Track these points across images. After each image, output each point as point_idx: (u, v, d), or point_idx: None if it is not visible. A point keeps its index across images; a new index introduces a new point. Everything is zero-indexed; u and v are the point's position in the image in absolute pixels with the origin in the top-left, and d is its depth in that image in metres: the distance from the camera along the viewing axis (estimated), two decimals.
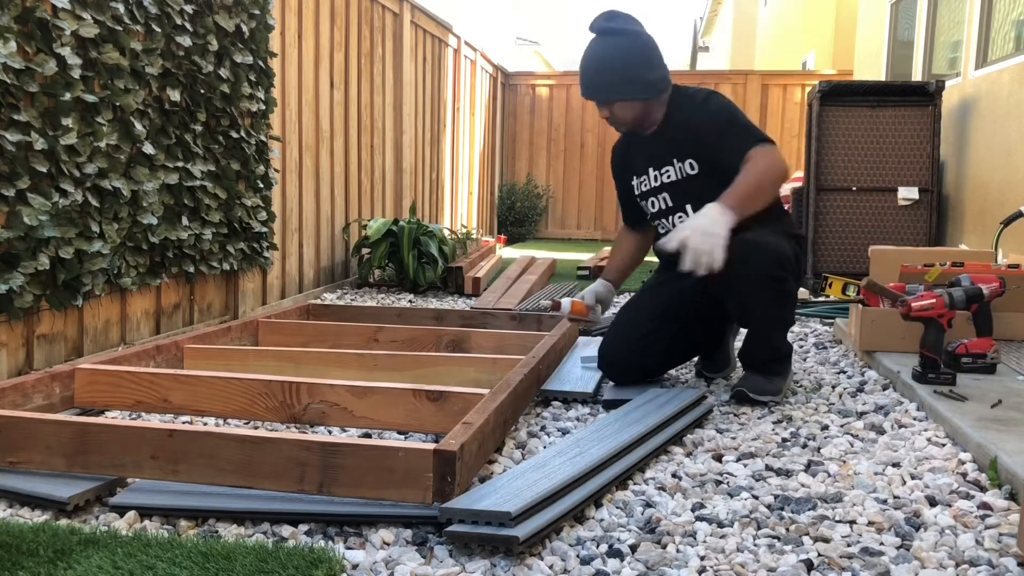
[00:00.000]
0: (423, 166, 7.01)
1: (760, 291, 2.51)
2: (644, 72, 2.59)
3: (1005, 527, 1.67)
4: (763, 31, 18.31)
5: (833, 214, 5.72)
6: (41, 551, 1.47)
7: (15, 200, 2.49)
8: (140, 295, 3.24)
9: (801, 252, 2.74)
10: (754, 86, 9.85)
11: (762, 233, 2.51)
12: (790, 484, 1.93)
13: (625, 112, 2.65)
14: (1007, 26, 5.47)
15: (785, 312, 2.62)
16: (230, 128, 3.60)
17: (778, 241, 2.55)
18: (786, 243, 2.60)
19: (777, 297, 2.55)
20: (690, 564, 1.52)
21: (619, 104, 2.63)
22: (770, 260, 2.49)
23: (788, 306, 2.63)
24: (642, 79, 2.59)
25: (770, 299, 2.54)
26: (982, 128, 5.55)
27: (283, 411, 2.25)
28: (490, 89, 9.40)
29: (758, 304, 2.55)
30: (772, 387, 2.60)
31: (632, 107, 2.64)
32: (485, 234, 9.28)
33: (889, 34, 7.99)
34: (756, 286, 2.50)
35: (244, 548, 1.49)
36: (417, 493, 1.66)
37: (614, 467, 1.92)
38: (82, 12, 2.73)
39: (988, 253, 3.75)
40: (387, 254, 5.19)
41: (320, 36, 4.85)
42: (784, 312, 2.62)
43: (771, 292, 2.52)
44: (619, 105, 2.63)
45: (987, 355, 2.81)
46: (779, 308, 2.58)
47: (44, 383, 2.27)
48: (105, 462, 1.79)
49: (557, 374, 2.87)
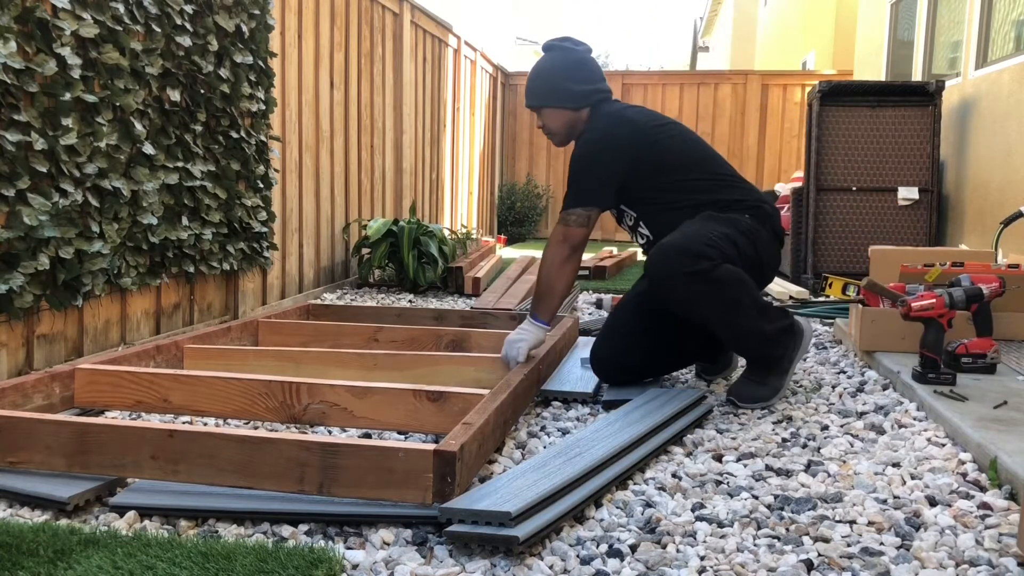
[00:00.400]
0: (423, 166, 7.01)
1: (688, 292, 2.43)
2: (567, 83, 2.70)
3: (1005, 527, 1.67)
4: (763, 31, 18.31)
5: (833, 214, 5.72)
6: (41, 551, 1.47)
7: (15, 200, 2.49)
8: (140, 295, 3.24)
9: (756, 240, 2.62)
10: (754, 86, 9.84)
11: (674, 235, 2.50)
12: (790, 484, 1.93)
13: (552, 120, 2.75)
14: (1007, 26, 5.47)
15: (727, 294, 2.45)
16: (230, 128, 3.60)
17: (681, 235, 2.48)
18: (697, 230, 2.49)
19: (709, 291, 2.43)
20: (690, 564, 1.52)
21: (546, 111, 2.75)
22: (673, 259, 2.42)
23: (731, 289, 2.45)
24: (565, 89, 2.70)
25: (704, 293, 2.43)
26: (982, 128, 5.55)
27: (283, 411, 2.25)
28: (490, 89, 9.40)
29: (700, 305, 2.46)
30: (763, 391, 2.58)
31: (556, 115, 2.74)
32: (485, 234, 9.28)
33: (889, 34, 8.00)
34: (681, 290, 2.44)
35: (244, 548, 1.49)
36: (417, 494, 1.66)
37: (614, 467, 1.92)
38: (82, 12, 2.73)
39: (988, 253, 3.75)
40: (387, 254, 5.19)
41: (320, 36, 4.85)
42: (727, 295, 2.45)
43: (699, 287, 2.42)
44: (546, 112, 2.75)
45: (987, 355, 2.81)
46: (719, 296, 2.44)
47: (44, 383, 2.27)
48: (105, 462, 1.79)
49: (557, 374, 2.87)
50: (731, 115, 9.96)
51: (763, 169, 9.89)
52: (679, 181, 2.66)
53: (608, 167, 2.63)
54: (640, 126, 2.68)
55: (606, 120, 2.69)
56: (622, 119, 2.68)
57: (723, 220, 2.58)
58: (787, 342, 2.62)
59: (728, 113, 9.97)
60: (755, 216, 2.65)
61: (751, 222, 2.62)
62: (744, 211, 2.64)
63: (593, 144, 2.66)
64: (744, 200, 2.67)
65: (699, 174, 2.69)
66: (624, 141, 2.64)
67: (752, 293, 2.52)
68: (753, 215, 2.64)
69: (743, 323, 2.51)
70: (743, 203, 2.66)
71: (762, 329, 2.54)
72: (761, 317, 2.54)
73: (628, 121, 2.68)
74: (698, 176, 2.68)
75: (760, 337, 2.55)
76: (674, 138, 2.71)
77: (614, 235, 10.25)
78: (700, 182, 2.68)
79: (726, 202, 2.65)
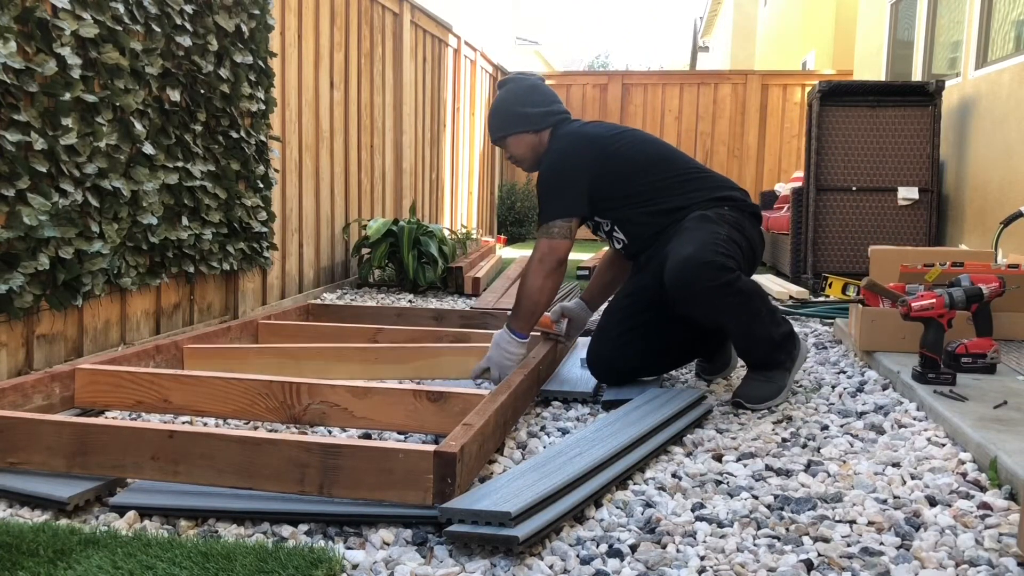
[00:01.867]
0: (423, 166, 7.01)
1: (713, 305, 2.48)
2: (522, 108, 2.79)
3: (1005, 527, 1.67)
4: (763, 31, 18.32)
5: (833, 214, 5.72)
6: (41, 551, 1.47)
7: (15, 200, 2.49)
8: (140, 295, 3.24)
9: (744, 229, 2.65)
10: (754, 86, 9.84)
11: (683, 242, 2.51)
12: (790, 484, 1.93)
13: (516, 148, 2.83)
14: (1007, 26, 5.47)
15: (752, 306, 2.52)
16: (230, 128, 3.60)
17: (693, 245, 2.49)
18: (704, 238, 2.52)
19: (736, 303, 2.48)
20: (690, 564, 1.52)
21: (509, 140, 2.82)
22: (695, 272, 2.43)
23: (752, 301, 2.52)
24: (521, 114, 2.79)
25: (730, 305, 2.48)
26: (982, 128, 5.55)
27: (283, 411, 2.25)
28: (490, 89, 9.40)
29: (723, 315, 2.52)
30: (770, 389, 2.58)
31: (519, 141, 2.81)
32: (485, 234, 9.28)
33: (889, 34, 8.00)
34: (705, 303, 2.47)
35: (244, 548, 1.49)
36: (417, 495, 1.66)
37: (614, 467, 1.92)
38: (82, 12, 2.73)
39: (988, 253, 3.75)
40: (387, 254, 5.19)
41: (320, 36, 4.85)
42: (751, 306, 2.52)
43: (728, 300, 2.47)
44: (510, 141, 2.83)
45: (987, 355, 2.81)
46: (745, 307, 2.50)
47: (44, 383, 2.27)
48: (105, 463, 1.79)
49: (557, 374, 2.87)
50: (731, 115, 9.96)
51: (763, 169, 9.89)
52: (646, 184, 2.71)
53: (575, 183, 2.69)
54: (598, 139, 2.74)
55: (566, 140, 2.75)
56: (581, 135, 2.75)
57: (715, 219, 2.61)
58: (790, 346, 2.66)
59: (728, 113, 9.97)
60: (733, 207, 2.69)
61: (734, 213, 2.67)
62: (722, 203, 2.68)
63: (557, 164, 2.72)
64: (716, 194, 2.72)
65: (664, 174, 2.73)
66: (586, 155, 2.70)
67: (768, 302, 2.60)
68: (731, 206, 2.69)
69: (759, 330, 2.57)
70: (716, 198, 2.70)
71: (773, 336, 2.60)
72: (773, 324, 2.60)
73: (586, 136, 2.75)
74: (664, 175, 2.73)
75: (771, 343, 2.60)
76: (633, 144, 2.76)
77: None
78: (668, 180, 2.72)
79: (699, 201, 2.68)
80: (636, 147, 2.75)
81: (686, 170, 2.76)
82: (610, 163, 2.70)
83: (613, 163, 2.70)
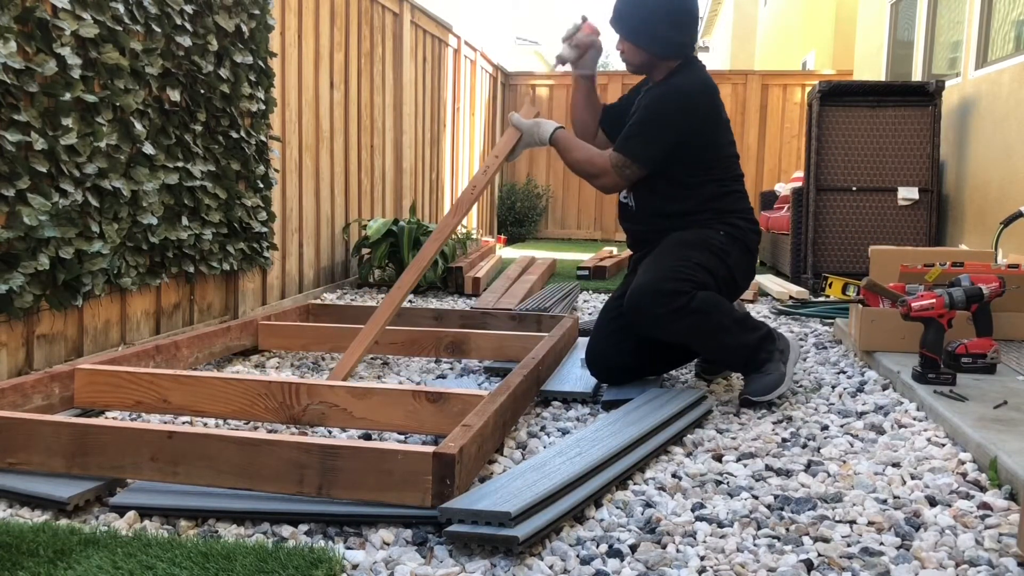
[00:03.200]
0: (423, 166, 7.01)
1: (672, 329, 2.51)
2: (664, 29, 2.64)
3: (1005, 527, 1.67)
4: (763, 31, 18.31)
5: (833, 214, 5.72)
6: (41, 551, 1.47)
7: (15, 200, 2.49)
8: (140, 295, 3.24)
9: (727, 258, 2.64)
10: (754, 86, 9.84)
11: (646, 267, 2.54)
12: (790, 484, 1.93)
13: (633, 55, 2.71)
14: (1007, 26, 5.47)
15: (713, 321, 2.51)
16: (230, 128, 3.60)
17: (653, 275, 2.51)
18: (670, 264, 2.53)
19: (693, 323, 2.49)
20: (690, 564, 1.52)
21: (629, 45, 2.70)
22: (648, 302, 2.47)
23: (711, 316, 2.51)
24: (659, 34, 2.65)
25: (688, 326, 2.50)
26: (982, 128, 5.55)
27: (282, 412, 2.25)
28: (490, 89, 9.39)
29: (686, 336, 2.55)
30: (770, 379, 2.57)
31: (639, 53, 2.70)
32: (485, 234, 9.28)
33: (889, 34, 7.99)
34: (665, 329, 2.52)
35: (244, 548, 1.49)
36: (416, 496, 1.66)
37: (614, 467, 1.92)
38: (82, 12, 2.73)
39: (988, 253, 3.75)
40: (387, 254, 5.19)
41: (320, 36, 4.85)
42: (712, 321, 2.51)
43: (683, 323, 2.49)
44: (628, 45, 2.70)
45: (987, 355, 2.81)
46: (706, 324, 2.51)
47: (44, 383, 2.27)
48: (105, 464, 1.79)
49: (557, 374, 2.87)
50: (731, 115, 9.95)
51: (763, 169, 9.89)
52: (706, 165, 2.66)
53: (679, 131, 2.60)
54: (717, 99, 2.68)
55: (700, 85, 2.65)
56: (708, 88, 2.66)
57: (696, 244, 2.60)
58: (769, 345, 2.64)
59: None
60: (728, 234, 2.65)
61: (724, 241, 2.64)
62: (726, 225, 2.66)
63: (671, 108, 2.60)
64: (735, 210, 2.70)
65: (727, 166, 2.72)
66: (694, 120, 2.62)
67: (731, 312, 2.57)
68: (728, 232, 2.66)
69: (729, 342, 2.57)
70: (736, 212, 2.69)
71: (746, 342, 2.60)
72: (743, 331, 2.59)
73: (713, 91, 2.67)
74: (725, 168, 2.71)
75: (747, 348, 2.60)
76: (730, 137, 2.74)
77: (614, 235, 10.24)
78: (727, 170, 2.70)
79: (721, 209, 2.68)
80: (731, 141, 2.73)
81: (739, 175, 2.72)
82: (712, 129, 2.65)
83: (713, 132, 2.66)
